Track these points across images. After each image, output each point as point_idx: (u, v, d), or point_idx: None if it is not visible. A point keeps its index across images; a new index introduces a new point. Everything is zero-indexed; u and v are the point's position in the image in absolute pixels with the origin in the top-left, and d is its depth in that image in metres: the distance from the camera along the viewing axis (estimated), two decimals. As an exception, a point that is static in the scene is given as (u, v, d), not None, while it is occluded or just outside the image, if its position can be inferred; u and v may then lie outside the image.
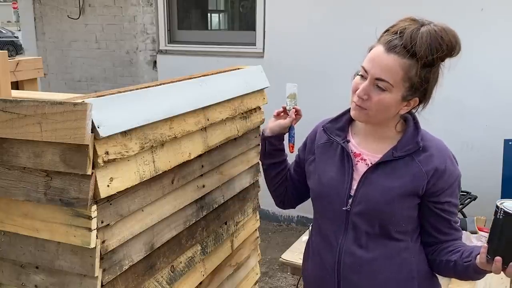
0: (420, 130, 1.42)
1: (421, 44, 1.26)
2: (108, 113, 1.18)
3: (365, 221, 1.40)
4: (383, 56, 1.29)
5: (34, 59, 2.28)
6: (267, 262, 3.76)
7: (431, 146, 1.40)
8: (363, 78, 1.34)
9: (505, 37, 3.43)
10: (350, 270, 1.42)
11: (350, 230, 1.42)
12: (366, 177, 1.40)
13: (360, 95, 1.32)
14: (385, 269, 1.41)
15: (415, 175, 1.36)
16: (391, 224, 1.39)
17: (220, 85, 1.72)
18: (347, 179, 1.42)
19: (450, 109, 3.55)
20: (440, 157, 1.38)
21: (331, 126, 1.52)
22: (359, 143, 1.46)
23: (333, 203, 1.44)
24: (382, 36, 1.35)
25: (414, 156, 1.38)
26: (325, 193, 1.47)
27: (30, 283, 1.30)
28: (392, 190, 1.36)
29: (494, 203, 1.18)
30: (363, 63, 1.35)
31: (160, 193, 1.43)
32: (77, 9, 4.89)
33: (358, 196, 1.40)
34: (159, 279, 1.49)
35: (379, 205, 1.37)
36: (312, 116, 1.83)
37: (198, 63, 4.39)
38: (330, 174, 1.47)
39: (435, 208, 1.40)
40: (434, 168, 1.36)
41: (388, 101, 1.32)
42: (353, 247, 1.42)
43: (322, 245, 1.50)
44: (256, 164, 2.07)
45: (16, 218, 1.26)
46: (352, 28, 3.72)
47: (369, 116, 1.36)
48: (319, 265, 1.50)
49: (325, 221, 1.50)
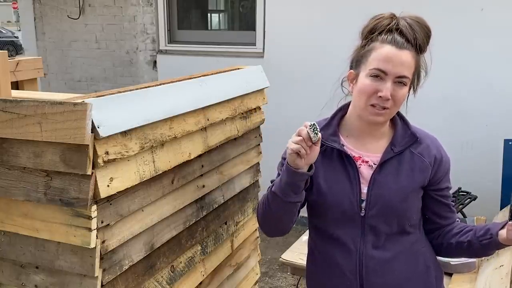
0: (409, 123, 1.45)
1: (419, 35, 1.34)
2: (108, 113, 1.18)
3: (383, 222, 1.39)
4: (398, 54, 1.32)
5: (34, 59, 2.28)
6: (267, 262, 3.76)
7: (423, 137, 1.44)
8: (377, 79, 1.32)
9: (505, 37, 3.42)
10: (374, 273, 1.40)
11: (368, 234, 1.40)
12: (375, 179, 1.39)
13: (388, 96, 1.31)
14: (404, 265, 1.42)
15: (420, 168, 1.40)
16: (406, 220, 1.42)
17: (220, 85, 1.72)
18: (355, 183, 1.40)
19: (450, 109, 3.55)
20: (434, 146, 1.44)
21: (323, 133, 1.41)
22: (354, 146, 1.44)
23: (346, 210, 1.40)
24: (378, 35, 1.35)
25: (412, 149, 1.41)
26: (336, 201, 1.41)
27: (30, 283, 1.30)
28: (404, 187, 1.38)
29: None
30: (373, 64, 1.33)
31: (160, 193, 1.43)
32: (77, 9, 4.88)
33: (371, 199, 1.38)
34: (159, 279, 1.49)
35: (394, 204, 1.38)
36: (312, 116, 1.82)
37: (198, 63, 4.38)
38: (336, 181, 1.42)
39: (436, 195, 1.45)
40: (434, 157, 1.42)
41: (406, 94, 1.37)
42: (372, 250, 1.40)
43: (337, 252, 1.44)
44: (256, 164, 2.07)
45: (16, 218, 1.26)
46: (352, 28, 3.72)
47: (391, 113, 1.38)
48: (337, 273, 1.44)
49: (338, 228, 1.43)
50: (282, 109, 3.99)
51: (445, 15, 3.43)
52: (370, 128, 1.43)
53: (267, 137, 2.24)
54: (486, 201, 3.05)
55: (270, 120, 2.29)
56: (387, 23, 1.36)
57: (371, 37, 1.37)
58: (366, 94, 1.33)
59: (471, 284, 2.16)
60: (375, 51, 1.34)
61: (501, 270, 2.05)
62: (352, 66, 1.43)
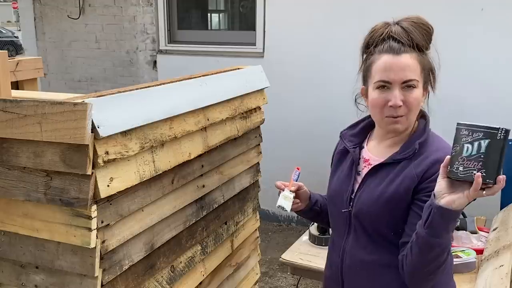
0: (425, 133, 1.39)
1: (416, 37, 1.33)
2: (108, 113, 1.18)
3: (360, 223, 1.41)
4: (397, 60, 1.31)
5: (34, 59, 2.28)
6: (267, 262, 3.76)
7: (430, 149, 1.36)
8: (384, 90, 1.32)
9: (505, 37, 3.42)
10: (350, 271, 1.45)
11: (351, 232, 1.45)
12: (366, 180, 1.42)
13: (397, 103, 1.30)
14: (384, 273, 1.40)
15: (406, 178, 1.33)
16: (385, 227, 1.37)
17: (220, 85, 1.72)
18: (351, 182, 1.45)
19: (450, 109, 3.55)
20: (433, 160, 1.33)
21: (346, 132, 1.54)
22: (371, 149, 1.48)
23: (338, 207, 1.48)
24: (374, 48, 1.36)
25: (413, 159, 1.36)
26: (333, 197, 1.52)
27: (30, 283, 1.30)
28: (385, 194, 1.35)
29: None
30: (376, 77, 1.33)
31: (160, 193, 1.43)
32: (77, 9, 4.89)
33: (356, 198, 1.42)
34: (159, 279, 1.49)
35: (370, 207, 1.38)
36: (312, 116, 1.83)
37: (198, 63, 4.38)
38: (339, 180, 1.50)
39: (414, 203, 1.32)
40: (424, 170, 1.32)
41: (419, 96, 1.34)
42: (354, 249, 1.43)
43: (331, 246, 1.56)
44: (256, 164, 2.07)
45: (16, 218, 1.26)
46: (352, 28, 3.72)
47: (409, 120, 1.35)
48: (329, 265, 1.56)
49: (333, 224, 1.56)
50: (282, 109, 3.99)
51: (445, 15, 3.43)
52: (391, 134, 1.43)
53: (267, 137, 2.24)
54: (485, 201, 3.04)
55: (270, 120, 2.29)
56: (380, 34, 1.36)
57: (369, 51, 1.39)
58: (378, 107, 1.35)
59: (471, 284, 2.16)
60: (375, 64, 1.35)
61: (501, 270, 2.05)
62: (363, 82, 1.45)
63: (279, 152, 3.94)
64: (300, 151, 4.03)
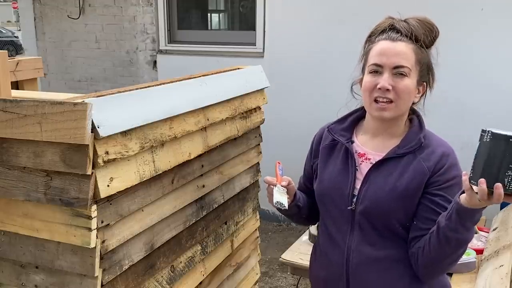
0: (424, 128, 1.43)
1: (417, 30, 1.35)
2: (108, 113, 1.18)
3: (369, 220, 1.40)
4: (392, 45, 1.34)
5: (34, 59, 2.28)
6: (267, 262, 3.76)
7: (435, 143, 1.41)
8: (376, 74, 1.35)
9: (505, 37, 3.42)
10: (358, 268, 1.43)
11: (356, 229, 1.43)
12: (370, 176, 1.41)
13: (385, 86, 1.32)
14: (393, 268, 1.41)
15: (417, 172, 1.36)
16: (396, 222, 1.38)
17: (220, 85, 1.72)
18: (351, 178, 1.43)
19: (450, 109, 3.55)
20: (441, 153, 1.38)
21: (335, 126, 1.53)
22: (364, 143, 1.47)
23: (337, 204, 1.45)
24: (375, 37, 1.40)
25: (418, 153, 1.38)
26: (329, 194, 1.48)
27: (30, 283, 1.30)
28: (395, 189, 1.36)
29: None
30: (371, 61, 1.37)
31: (160, 193, 1.43)
32: (77, 9, 4.88)
33: (361, 195, 1.41)
34: (159, 279, 1.49)
35: (381, 203, 1.37)
36: (312, 116, 1.83)
37: (198, 63, 4.38)
38: (333, 174, 1.48)
39: (426, 198, 1.35)
40: (435, 163, 1.36)
41: (410, 86, 1.35)
42: (361, 246, 1.42)
43: (328, 245, 1.51)
44: (256, 164, 2.07)
45: (16, 218, 1.26)
46: (352, 28, 3.73)
47: (397, 107, 1.35)
48: (327, 266, 1.51)
49: (330, 221, 1.50)
50: (282, 109, 3.99)
51: (445, 15, 3.43)
52: (384, 127, 1.43)
53: (267, 137, 2.24)
54: (486, 201, 3.04)
55: (270, 120, 2.29)
56: (383, 26, 1.40)
57: (370, 40, 1.42)
58: (368, 90, 1.37)
59: (471, 284, 2.16)
60: (372, 50, 1.38)
61: (501, 270, 2.05)
62: (362, 71, 1.46)
63: (279, 152, 3.94)
64: (300, 151, 4.01)
